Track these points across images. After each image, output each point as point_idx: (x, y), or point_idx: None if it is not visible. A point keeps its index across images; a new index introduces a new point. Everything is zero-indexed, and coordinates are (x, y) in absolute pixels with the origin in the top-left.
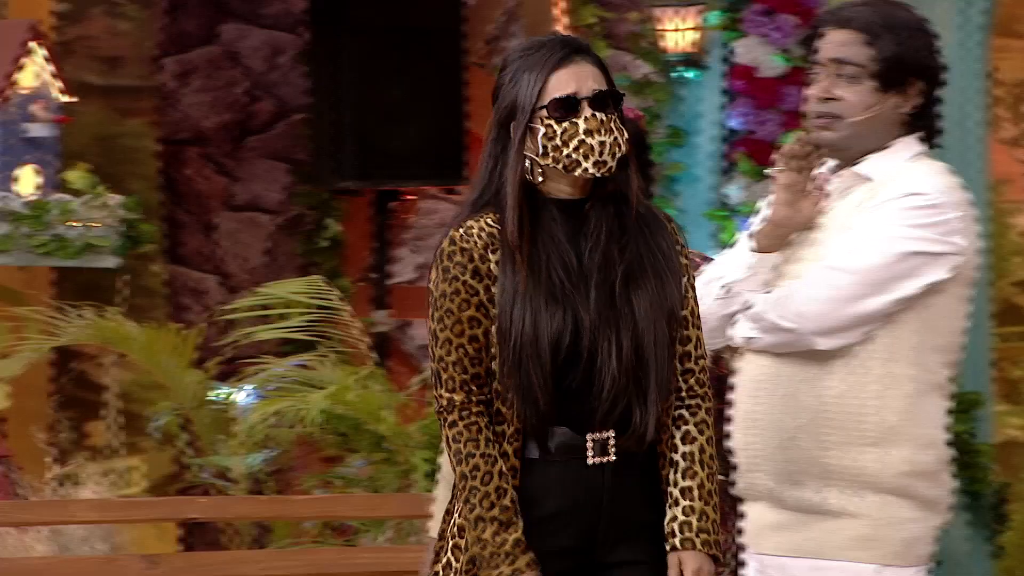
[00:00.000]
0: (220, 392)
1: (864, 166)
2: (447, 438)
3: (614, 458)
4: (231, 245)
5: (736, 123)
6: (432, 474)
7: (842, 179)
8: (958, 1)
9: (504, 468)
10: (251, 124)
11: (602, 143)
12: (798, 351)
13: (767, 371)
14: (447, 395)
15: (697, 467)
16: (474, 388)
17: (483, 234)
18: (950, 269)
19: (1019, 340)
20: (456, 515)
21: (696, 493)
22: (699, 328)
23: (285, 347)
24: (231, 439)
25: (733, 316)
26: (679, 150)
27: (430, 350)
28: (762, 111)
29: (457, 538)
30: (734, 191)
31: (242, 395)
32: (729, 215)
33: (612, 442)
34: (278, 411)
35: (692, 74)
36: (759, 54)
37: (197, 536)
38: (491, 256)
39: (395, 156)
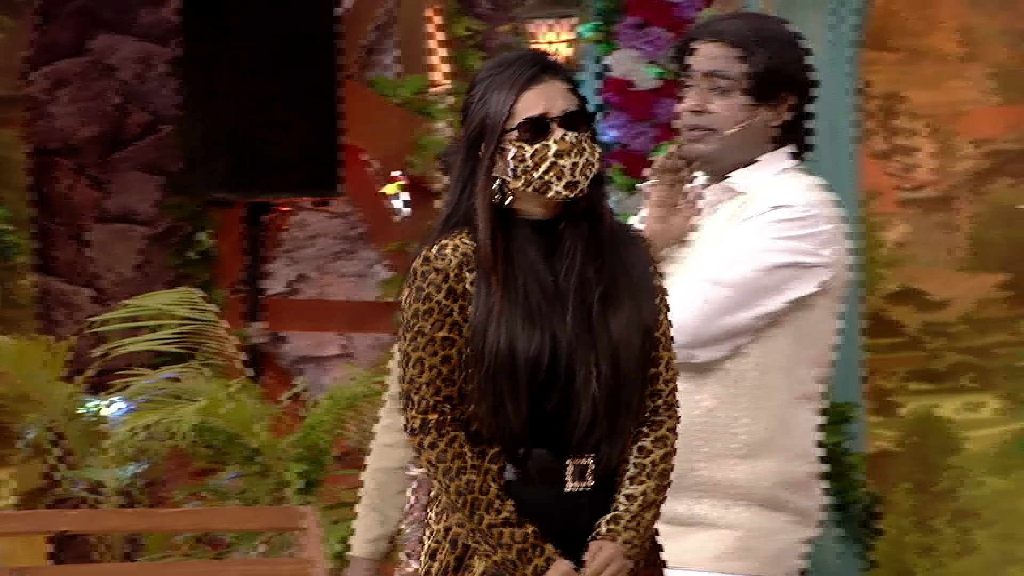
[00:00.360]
0: (91, 404)
1: (736, 179)
2: (429, 460)
3: (591, 485)
4: (102, 257)
5: (609, 135)
6: (306, 486)
7: (714, 192)
8: (829, 14)
9: (494, 472)
10: (123, 135)
11: (574, 164)
12: None
13: None
14: (421, 416)
15: (645, 477)
16: (448, 408)
17: (458, 253)
18: (822, 281)
19: (890, 352)
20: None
21: (638, 500)
22: (670, 350)
23: (157, 359)
24: (102, 451)
25: None
26: None
27: (400, 371)
28: (635, 123)
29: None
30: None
31: (113, 407)
32: None
33: (591, 469)
34: (150, 423)
35: None
36: (632, 66)
37: (67, 549)
38: (466, 275)
39: (269, 167)
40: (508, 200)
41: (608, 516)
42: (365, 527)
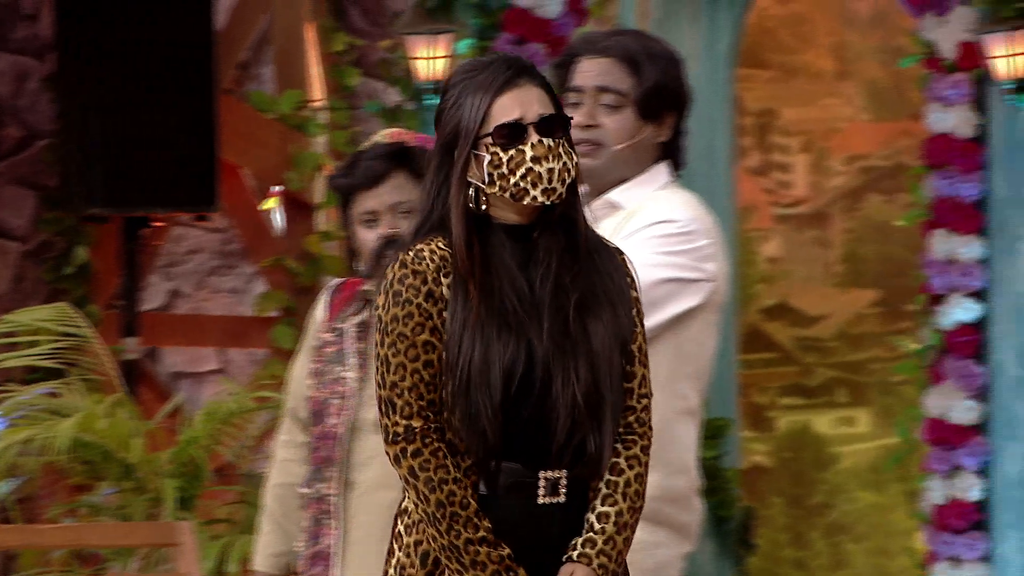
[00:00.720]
0: None
1: (616, 194)
2: (410, 468)
3: (564, 499)
4: None
5: None
6: (182, 502)
7: (594, 208)
8: (705, 31)
9: (470, 486)
10: None
11: (551, 170)
12: None
13: None
14: (404, 422)
15: (619, 497)
16: (431, 415)
17: (435, 256)
18: (703, 296)
19: (764, 367)
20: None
21: (612, 520)
22: (645, 366)
23: (32, 375)
24: None
25: None
26: None
27: (380, 377)
28: None
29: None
30: None
31: None
32: None
33: (564, 482)
34: (25, 439)
35: None
36: None
37: None
38: (443, 280)
39: (145, 182)
40: (483, 206)
41: (581, 539)
42: (266, 543)
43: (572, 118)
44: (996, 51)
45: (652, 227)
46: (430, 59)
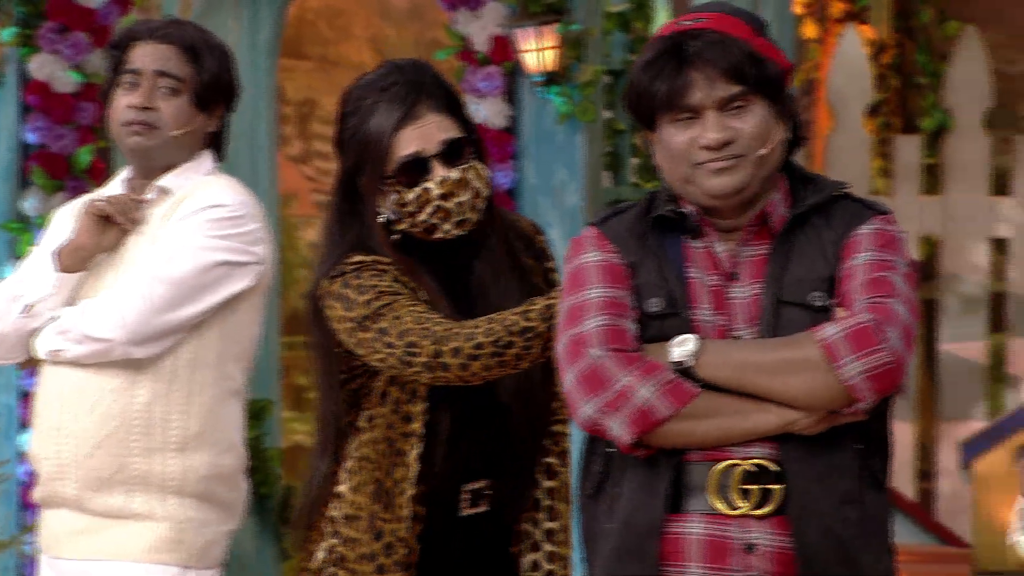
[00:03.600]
0: None
1: (166, 180)
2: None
3: (488, 508)
4: None
5: (31, 137)
6: None
7: (146, 194)
8: (246, 22)
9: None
10: None
11: (460, 203)
12: (107, 361)
13: (74, 382)
14: (433, 345)
15: (560, 506)
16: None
17: (378, 263)
18: (252, 278)
19: (305, 349)
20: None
21: (559, 537)
22: None
23: None
24: None
25: (35, 332)
26: None
27: (386, 346)
28: (57, 126)
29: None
30: (29, 204)
31: None
32: (25, 227)
33: (488, 492)
34: None
35: None
36: (54, 70)
37: None
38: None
39: None
40: (395, 237)
41: (534, 559)
42: None
43: (475, 130)
44: (526, 45)
45: (203, 211)
46: None
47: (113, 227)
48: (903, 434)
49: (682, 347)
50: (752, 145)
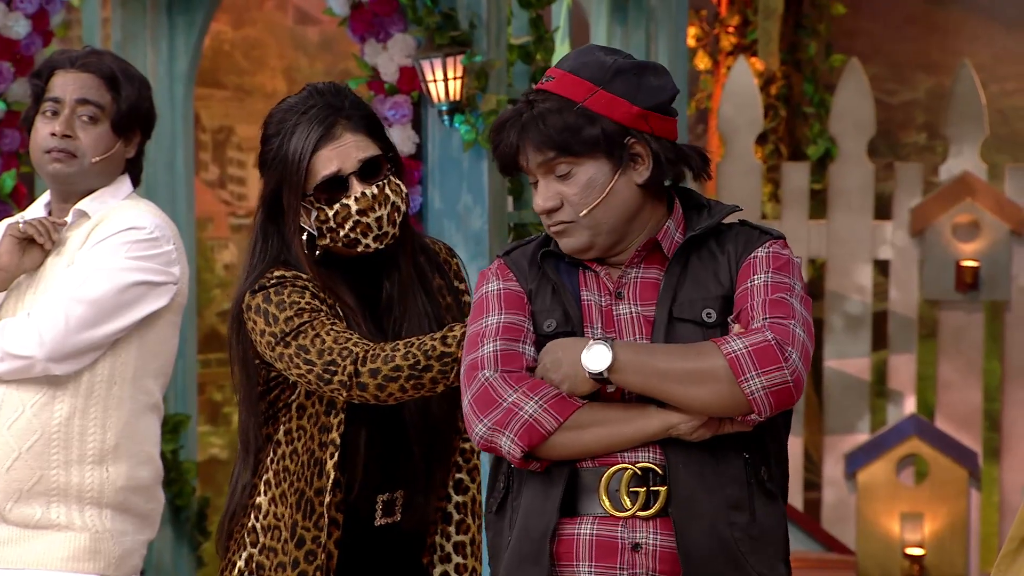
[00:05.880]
0: None
1: (84, 204)
2: (378, 377)
3: (399, 518)
4: None
5: None
6: None
7: (67, 217)
8: (165, 53)
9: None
10: None
11: (379, 218)
12: (29, 377)
13: None
14: (350, 365)
15: (470, 520)
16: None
17: (301, 279)
18: (169, 297)
19: (221, 366)
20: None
21: (468, 550)
22: None
23: None
24: None
25: None
26: None
27: (305, 362)
28: None
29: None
30: None
31: None
32: None
33: (400, 502)
34: None
35: None
36: None
37: None
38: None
39: None
40: (317, 252)
41: (444, 570)
42: None
43: (392, 148)
44: (432, 76)
45: (120, 234)
46: None
47: (34, 249)
48: (791, 446)
49: (596, 357)
50: (577, 209)
